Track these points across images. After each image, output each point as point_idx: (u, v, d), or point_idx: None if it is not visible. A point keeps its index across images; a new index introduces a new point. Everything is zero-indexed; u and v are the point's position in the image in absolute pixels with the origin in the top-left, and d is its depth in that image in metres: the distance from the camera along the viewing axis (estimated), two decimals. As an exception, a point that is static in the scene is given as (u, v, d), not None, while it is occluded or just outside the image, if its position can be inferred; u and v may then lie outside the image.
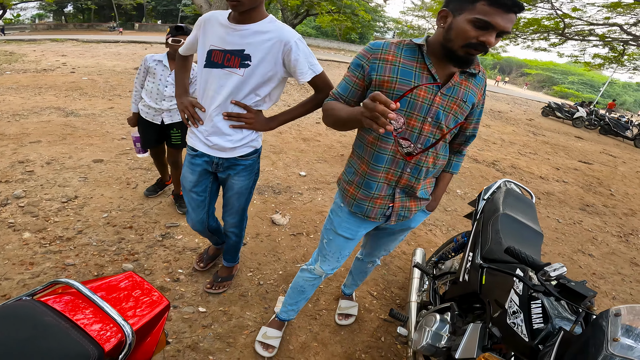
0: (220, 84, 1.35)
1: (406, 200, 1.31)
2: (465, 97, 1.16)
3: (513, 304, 1.13)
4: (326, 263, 1.52)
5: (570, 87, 56.52)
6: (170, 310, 1.86)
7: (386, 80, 1.13)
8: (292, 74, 1.38)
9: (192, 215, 1.77)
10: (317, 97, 1.51)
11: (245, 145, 1.53)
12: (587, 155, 8.39)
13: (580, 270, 3.07)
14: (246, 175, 1.63)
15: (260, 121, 1.50)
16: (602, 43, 15.35)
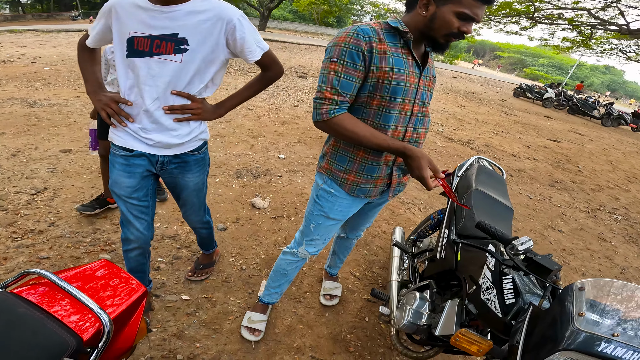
0: (153, 73, 1.18)
1: (401, 176, 1.37)
2: (434, 73, 1.29)
3: (486, 279, 1.16)
4: (312, 246, 1.53)
5: (540, 70, 58.28)
6: (153, 299, 1.84)
7: (383, 71, 1.10)
8: (239, 54, 1.27)
9: (136, 224, 1.45)
10: (266, 76, 1.43)
11: (194, 139, 1.38)
12: (556, 134, 8.72)
13: (550, 247, 3.21)
14: (200, 170, 1.49)
15: (208, 110, 1.37)
16: (570, 27, 15.81)
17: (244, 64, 9.05)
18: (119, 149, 1.34)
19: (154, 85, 1.20)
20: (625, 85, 71.92)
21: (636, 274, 3.09)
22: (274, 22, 38.81)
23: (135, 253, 1.52)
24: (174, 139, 1.32)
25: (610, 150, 8.33)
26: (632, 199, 5.06)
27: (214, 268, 2.10)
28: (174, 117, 1.28)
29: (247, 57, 1.28)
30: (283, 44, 16.62)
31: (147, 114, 1.25)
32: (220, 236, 2.42)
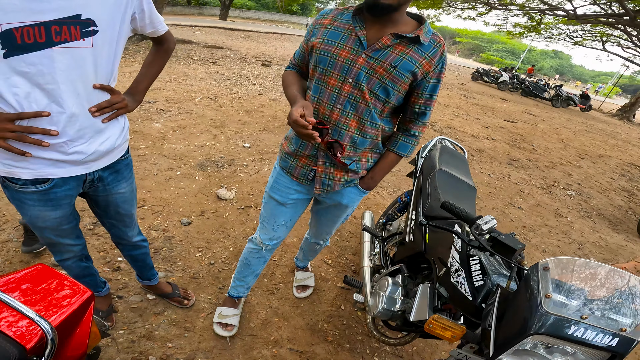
0: (62, 67, 0.92)
1: (330, 167, 1.26)
2: (397, 63, 1.07)
3: (454, 261, 1.16)
4: (263, 231, 1.50)
5: (495, 55, 60.86)
6: (116, 300, 1.75)
7: (316, 42, 1.15)
8: (146, 28, 1.12)
9: (68, 242, 1.26)
10: (163, 49, 1.29)
11: (124, 141, 1.20)
12: (511, 115, 9.16)
13: (512, 224, 3.35)
14: (131, 174, 1.30)
15: (129, 99, 1.18)
16: (522, 12, 16.54)
17: (204, 53, 8.68)
18: (27, 185, 1.02)
19: (68, 82, 0.95)
20: (573, 68, 76.74)
21: (593, 249, 3.30)
22: (236, 11, 37.49)
23: (70, 262, 1.36)
24: (105, 145, 1.10)
25: (561, 130, 8.88)
26: (584, 175, 5.43)
27: (190, 295, 1.86)
28: (102, 118, 1.07)
29: (157, 29, 1.16)
30: (246, 33, 16.09)
31: (71, 120, 0.98)
32: (185, 231, 2.32)
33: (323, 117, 1.17)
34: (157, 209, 2.47)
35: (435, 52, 1.10)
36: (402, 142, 1.27)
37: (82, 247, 1.34)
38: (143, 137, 3.43)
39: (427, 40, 1.09)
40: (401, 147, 1.28)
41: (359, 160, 1.27)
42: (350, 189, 1.34)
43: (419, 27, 1.10)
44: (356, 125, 1.17)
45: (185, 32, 12.93)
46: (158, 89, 5.08)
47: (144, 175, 2.81)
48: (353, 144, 1.21)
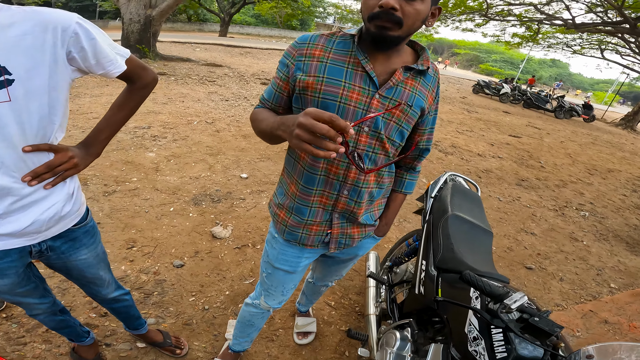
0: None
1: (347, 227, 1.11)
2: (411, 101, 0.94)
3: (473, 328, 1.01)
4: (270, 297, 1.33)
5: (494, 65, 61.25)
6: (104, 348, 1.64)
7: (311, 80, 0.91)
8: (94, 68, 0.91)
9: (31, 301, 1.14)
10: (137, 88, 1.08)
11: (77, 206, 1.03)
12: (515, 129, 9.01)
13: (526, 252, 3.17)
14: (94, 239, 1.14)
15: (80, 154, 1.00)
16: (519, 22, 16.66)
17: (203, 71, 8.64)
18: None
19: None
20: (572, 77, 77.06)
21: (612, 274, 3.12)
22: (236, 27, 38.07)
23: (42, 317, 1.24)
24: (49, 213, 0.94)
25: (567, 143, 8.72)
26: (596, 193, 5.23)
27: (183, 343, 1.72)
28: (43, 184, 0.90)
29: (108, 70, 0.93)
30: (245, 50, 16.21)
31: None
32: (178, 273, 2.16)
33: (337, 176, 0.99)
34: (148, 250, 2.31)
35: (435, 82, 1.01)
36: (408, 182, 1.22)
37: (49, 305, 1.22)
38: (135, 169, 3.29)
39: (430, 71, 0.98)
40: (408, 186, 1.22)
41: (372, 211, 1.14)
42: (367, 240, 1.24)
43: (420, 55, 0.98)
44: (375, 179, 1.04)
45: (185, 50, 13.02)
46: (154, 113, 4.99)
47: (135, 213, 2.65)
48: (370, 198, 1.07)
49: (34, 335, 1.66)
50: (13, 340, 1.61)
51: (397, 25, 0.82)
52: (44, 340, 1.64)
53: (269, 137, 0.92)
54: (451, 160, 5.33)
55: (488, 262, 1.38)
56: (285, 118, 0.80)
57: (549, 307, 2.52)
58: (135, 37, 8.74)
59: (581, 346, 0.87)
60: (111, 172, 3.17)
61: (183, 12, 34.65)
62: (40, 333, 1.66)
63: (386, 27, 0.82)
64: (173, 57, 9.82)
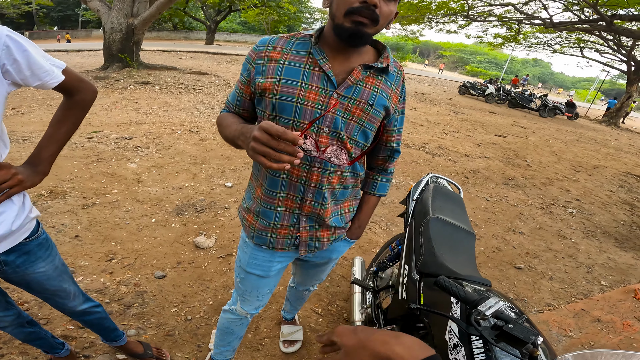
0: None
1: (315, 230, 1.09)
2: (372, 99, 0.92)
3: (453, 335, 0.98)
4: (246, 303, 1.30)
5: (478, 66, 62.28)
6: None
7: (269, 83, 0.90)
8: (29, 81, 0.89)
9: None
10: (76, 101, 1.04)
11: (28, 220, 1.01)
12: (501, 129, 9.12)
13: (514, 252, 3.16)
14: (49, 252, 1.11)
15: (26, 172, 0.97)
16: (500, 23, 17.00)
17: (188, 80, 8.58)
18: None
19: None
20: (554, 76, 78.71)
21: (602, 271, 3.12)
22: (223, 35, 38.05)
23: (10, 329, 1.23)
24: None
25: (552, 141, 8.85)
26: (582, 190, 5.29)
27: (165, 354, 1.69)
28: None
29: (45, 80, 0.91)
30: (232, 57, 16.18)
31: None
32: (160, 284, 2.11)
33: (299, 179, 0.97)
34: (128, 262, 2.25)
35: (399, 81, 0.99)
36: (381, 183, 1.20)
37: (14, 317, 1.20)
38: (116, 180, 3.21)
39: (393, 69, 0.97)
40: (381, 189, 1.21)
41: (342, 214, 1.12)
42: (339, 242, 1.22)
43: (381, 54, 0.97)
44: (338, 181, 1.01)
45: (170, 58, 12.92)
46: (136, 123, 4.91)
47: (115, 225, 2.58)
48: (334, 199, 1.05)
49: (10, 347, 1.62)
50: None
51: (373, 22, 0.82)
52: (21, 352, 1.60)
53: (232, 143, 0.91)
54: (438, 161, 5.34)
55: (470, 264, 1.35)
56: (245, 128, 0.79)
57: (539, 307, 2.50)
58: (117, 46, 8.62)
59: (574, 346, 0.84)
60: (91, 184, 3.09)
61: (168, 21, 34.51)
62: (16, 345, 1.62)
63: (363, 23, 0.81)
64: (157, 66, 9.73)
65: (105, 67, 8.68)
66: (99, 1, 8.71)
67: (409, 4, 17.20)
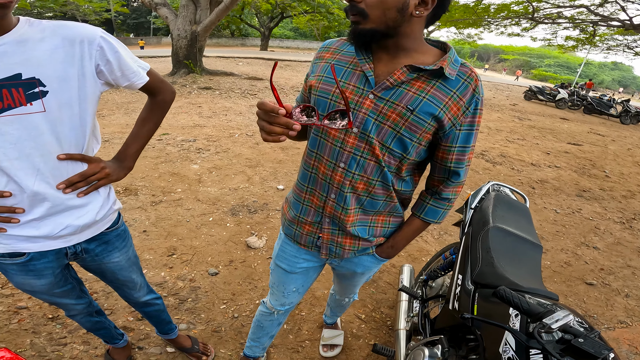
0: (11, 139, 0.81)
1: (337, 235, 1.04)
2: (414, 104, 0.82)
3: (508, 348, 0.91)
4: (274, 297, 1.33)
5: (547, 70, 57.48)
6: (136, 351, 1.70)
7: (314, 80, 0.94)
8: (119, 81, 0.95)
9: (67, 302, 1.18)
10: (159, 101, 1.12)
11: (109, 212, 1.07)
12: (575, 137, 8.31)
13: (587, 267, 2.88)
14: (125, 243, 1.19)
15: (113, 167, 1.04)
16: (572, 25, 15.53)
17: (245, 85, 9.00)
18: (5, 257, 0.96)
19: (22, 157, 0.83)
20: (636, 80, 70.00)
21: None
22: (276, 41, 39.52)
23: (79, 318, 1.31)
24: (83, 219, 0.98)
25: (635, 150, 7.85)
26: (670, 204, 4.61)
27: (210, 350, 1.74)
28: (76, 192, 0.95)
29: (132, 82, 0.97)
30: (285, 63, 16.73)
31: (36, 199, 0.88)
32: (212, 281, 2.21)
33: (325, 177, 0.96)
34: (186, 258, 2.39)
35: (465, 89, 0.84)
36: (430, 207, 1.04)
37: (85, 306, 1.28)
38: (180, 180, 3.46)
39: (454, 74, 0.83)
40: (429, 214, 1.04)
41: (372, 226, 1.04)
42: (366, 257, 1.13)
43: (443, 56, 0.85)
44: (364, 188, 0.94)
45: (229, 64, 13.71)
46: (199, 126, 5.26)
47: (177, 222, 2.77)
48: (361, 206, 0.99)
49: (74, 336, 1.75)
50: (55, 340, 1.71)
51: (362, 16, 0.79)
52: (83, 342, 1.72)
53: None
54: (500, 170, 5.00)
55: (535, 277, 1.26)
56: None
57: (611, 324, 2.28)
58: (183, 52, 9.15)
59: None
60: (159, 183, 3.36)
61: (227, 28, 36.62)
62: (80, 334, 1.75)
63: (356, 21, 0.80)
64: (218, 72, 10.30)
65: (173, 72, 9.31)
66: (167, 9, 9.30)
67: (464, 7, 16.43)
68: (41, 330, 1.74)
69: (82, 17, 32.39)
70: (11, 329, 1.73)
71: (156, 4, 9.25)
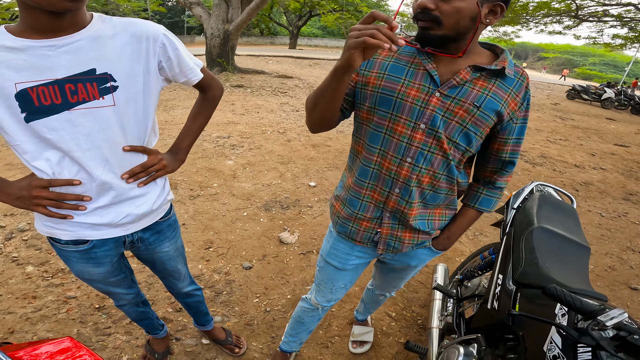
0: (85, 131, 0.85)
1: (397, 229, 1.07)
2: (479, 101, 0.89)
3: (554, 346, 0.90)
4: (320, 294, 1.34)
5: (592, 69, 54.11)
6: (173, 342, 1.76)
7: (373, 77, 0.96)
8: (177, 77, 1.00)
9: (119, 291, 1.25)
10: (210, 97, 1.17)
11: (164, 203, 1.12)
12: (622, 138, 7.80)
13: (632, 272, 2.75)
14: (175, 233, 1.24)
15: (169, 159, 1.10)
16: (619, 23, 14.54)
17: (275, 83, 9.12)
18: (69, 244, 1.01)
19: (93, 148, 0.88)
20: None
21: None
22: (304, 40, 39.67)
23: (127, 307, 1.38)
24: (142, 208, 1.04)
25: (689, 153, 7.24)
26: None
27: (243, 343, 1.79)
28: (137, 182, 1.01)
29: (189, 78, 1.03)
30: (314, 61, 16.79)
31: (103, 188, 0.94)
32: (246, 275, 2.27)
33: (389, 172, 0.98)
34: (222, 251, 2.48)
35: (520, 87, 0.93)
36: (484, 197, 1.11)
37: (134, 296, 1.34)
38: (216, 175, 3.58)
39: (512, 73, 0.92)
40: (483, 203, 1.11)
41: (431, 219, 1.08)
42: (421, 250, 1.17)
43: (498, 57, 0.94)
44: (429, 181, 0.99)
45: (259, 63, 13.93)
46: (233, 123, 5.41)
47: (214, 216, 2.87)
48: (423, 200, 1.02)
49: (118, 326, 1.82)
50: (100, 330, 1.79)
51: (435, 23, 0.83)
52: (126, 332, 1.79)
53: (328, 83, 0.87)
54: (540, 171, 4.79)
55: (582, 278, 1.21)
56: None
57: None
58: (216, 51, 9.35)
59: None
60: (197, 177, 3.49)
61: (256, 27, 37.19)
62: (124, 325, 1.83)
63: (426, 27, 0.84)
64: (249, 70, 10.48)
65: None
66: (201, 8, 9.52)
67: (500, 5, 15.71)
68: (88, 320, 1.83)
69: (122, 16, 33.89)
70: (59, 319, 1.82)
71: (190, 3, 9.49)
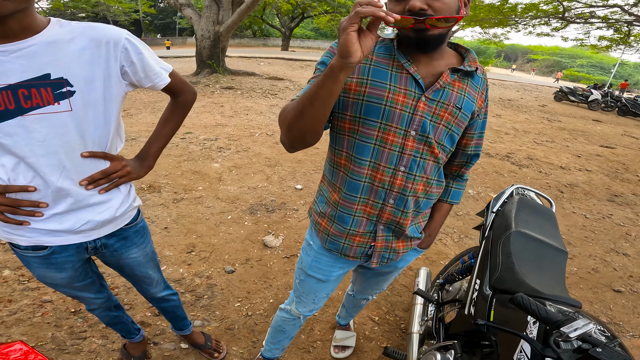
0: (39, 137, 0.83)
1: (392, 241, 1.05)
2: (460, 103, 0.90)
3: (523, 355, 0.89)
4: (302, 305, 1.31)
5: (579, 71, 55.11)
6: (151, 346, 1.74)
7: (354, 83, 0.89)
8: (142, 82, 0.98)
9: (87, 296, 1.22)
10: (180, 102, 1.14)
11: (129, 209, 1.10)
12: (608, 139, 7.93)
13: (615, 274, 2.76)
14: (144, 239, 1.21)
15: (134, 165, 1.07)
16: (605, 25, 14.82)
17: (266, 85, 9.09)
18: (28, 250, 0.99)
19: (49, 154, 0.86)
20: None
21: None
22: (297, 41, 39.70)
23: (98, 312, 1.34)
24: (104, 215, 1.01)
25: (674, 154, 7.38)
26: None
27: (222, 347, 1.76)
28: (98, 189, 0.98)
29: (155, 83, 1.00)
30: (305, 63, 16.78)
31: (59, 194, 0.91)
32: (228, 279, 2.24)
33: (382, 184, 0.95)
34: (205, 255, 2.44)
35: (484, 84, 0.97)
36: (455, 190, 1.16)
37: (104, 300, 1.30)
38: (202, 178, 3.54)
39: (479, 73, 0.95)
40: (455, 196, 1.16)
41: (418, 223, 1.09)
42: (409, 252, 1.17)
43: (464, 57, 0.94)
44: (423, 188, 0.98)
45: (251, 64, 13.87)
46: (221, 125, 5.36)
47: (197, 219, 2.83)
48: (417, 208, 1.02)
49: (94, 330, 1.78)
50: (75, 334, 1.75)
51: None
52: (102, 336, 1.76)
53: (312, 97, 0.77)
54: (526, 173, 4.83)
55: (558, 284, 1.21)
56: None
57: (636, 332, 2.19)
58: (206, 52, 9.30)
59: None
60: (181, 180, 3.44)
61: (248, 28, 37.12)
62: (100, 329, 1.79)
63: (422, 28, 0.80)
64: (240, 72, 10.43)
65: (197, 72, 9.50)
66: (191, 10, 9.48)
67: (489, 7, 15.93)
68: (63, 324, 1.80)
69: (113, 17, 33.58)
70: (34, 322, 1.79)
71: (181, 5, 9.46)
